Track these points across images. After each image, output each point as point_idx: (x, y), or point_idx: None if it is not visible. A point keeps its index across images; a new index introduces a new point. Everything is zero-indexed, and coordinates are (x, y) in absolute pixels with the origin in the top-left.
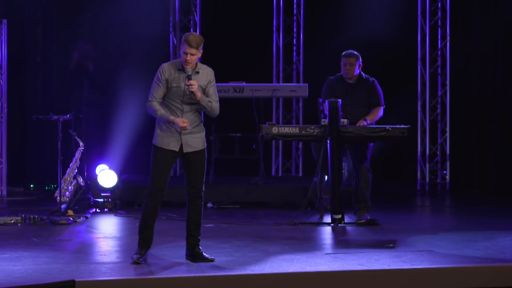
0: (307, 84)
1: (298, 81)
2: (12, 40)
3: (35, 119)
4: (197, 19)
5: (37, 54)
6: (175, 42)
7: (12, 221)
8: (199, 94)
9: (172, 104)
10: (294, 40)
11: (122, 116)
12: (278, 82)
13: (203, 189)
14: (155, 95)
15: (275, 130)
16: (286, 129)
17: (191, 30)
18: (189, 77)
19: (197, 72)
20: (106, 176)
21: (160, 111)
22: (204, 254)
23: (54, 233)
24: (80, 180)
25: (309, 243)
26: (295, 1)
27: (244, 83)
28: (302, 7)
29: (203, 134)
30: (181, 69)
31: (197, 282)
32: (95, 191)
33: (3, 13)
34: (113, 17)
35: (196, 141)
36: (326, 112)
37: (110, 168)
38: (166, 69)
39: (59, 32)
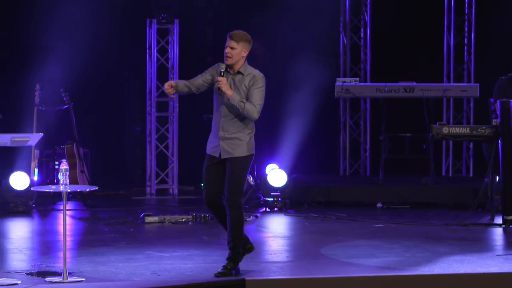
0: (478, 84)
1: (469, 81)
2: (184, 40)
3: (206, 119)
4: (368, 18)
5: (208, 53)
6: (345, 42)
7: (183, 220)
8: (229, 92)
9: (214, 105)
10: (465, 39)
11: (292, 116)
12: (449, 82)
13: (236, 199)
14: (192, 78)
15: (445, 130)
16: (456, 129)
17: (361, 30)
18: (220, 73)
19: (240, 73)
20: (276, 176)
21: (177, 81)
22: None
23: (224, 232)
24: (250, 179)
25: (480, 244)
26: (466, 1)
27: (415, 83)
28: (473, 6)
29: (244, 142)
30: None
31: (366, 282)
32: (265, 190)
33: (175, 13)
34: (283, 17)
35: (233, 147)
36: (498, 112)
37: (280, 167)
38: (217, 66)
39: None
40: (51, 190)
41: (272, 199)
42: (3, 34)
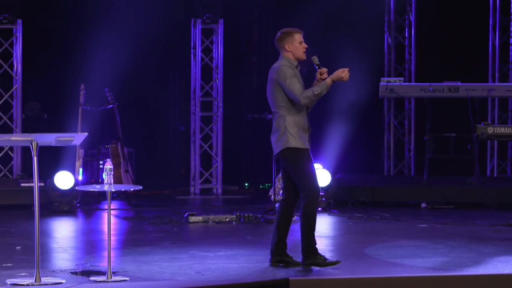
0: None
1: None
2: (228, 39)
3: (250, 118)
4: (412, 18)
5: (252, 53)
6: (389, 41)
7: (227, 219)
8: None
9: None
10: (511, 39)
11: (336, 116)
12: (494, 81)
13: (303, 194)
14: (299, 89)
15: (490, 130)
16: (501, 129)
17: (406, 30)
18: (318, 66)
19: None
20: (320, 175)
21: (314, 88)
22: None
23: (269, 231)
24: None
25: None
26: (511, 0)
27: (459, 83)
28: None
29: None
30: (297, 66)
31: (411, 282)
32: None
33: (219, 13)
34: (327, 17)
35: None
36: None
37: (324, 167)
38: (299, 67)
39: (274, 32)
40: (96, 190)
41: None
42: (49, 34)
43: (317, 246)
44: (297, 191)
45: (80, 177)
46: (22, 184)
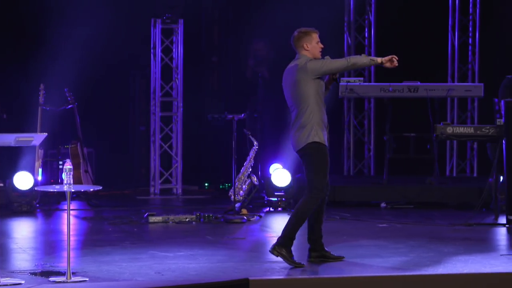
0: (482, 84)
1: (473, 81)
2: (189, 40)
3: (210, 118)
4: (372, 18)
5: (213, 53)
6: (349, 41)
7: (187, 220)
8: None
9: (316, 98)
10: (470, 39)
11: None
12: (453, 81)
13: (310, 189)
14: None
15: (449, 130)
16: (460, 129)
17: (366, 30)
18: None
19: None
20: (280, 175)
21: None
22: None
23: (228, 231)
24: (254, 179)
25: (484, 244)
26: (471, 0)
27: (419, 83)
28: (478, 6)
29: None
30: None
31: (371, 282)
32: (269, 190)
33: (179, 13)
34: (287, 17)
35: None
36: (502, 112)
37: (284, 167)
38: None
39: (235, 32)
40: (55, 190)
41: (276, 199)
42: (8, 34)
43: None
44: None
45: (39, 178)
46: None
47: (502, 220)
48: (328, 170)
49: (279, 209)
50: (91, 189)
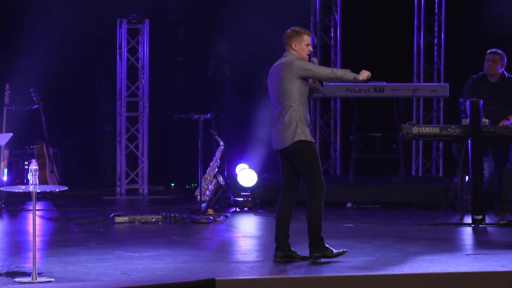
0: (448, 84)
1: (439, 81)
2: (154, 40)
3: (176, 118)
4: (338, 18)
5: (178, 53)
6: (315, 41)
7: (153, 220)
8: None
9: (301, 97)
10: (435, 39)
11: (262, 116)
12: (419, 81)
13: (313, 187)
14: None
15: (415, 130)
16: (426, 129)
17: (332, 30)
18: None
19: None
20: (246, 175)
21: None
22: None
23: (195, 231)
24: (221, 179)
25: (450, 244)
26: (436, 1)
27: (385, 83)
28: (443, 6)
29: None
30: None
31: (337, 282)
32: (235, 190)
33: (145, 13)
34: (253, 17)
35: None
36: (467, 112)
37: (250, 167)
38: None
39: (201, 32)
40: (21, 190)
41: (242, 199)
42: None
43: (241, 246)
44: (297, 186)
45: (4, 178)
46: None
47: (468, 220)
48: (319, 164)
49: (245, 209)
50: (57, 190)
